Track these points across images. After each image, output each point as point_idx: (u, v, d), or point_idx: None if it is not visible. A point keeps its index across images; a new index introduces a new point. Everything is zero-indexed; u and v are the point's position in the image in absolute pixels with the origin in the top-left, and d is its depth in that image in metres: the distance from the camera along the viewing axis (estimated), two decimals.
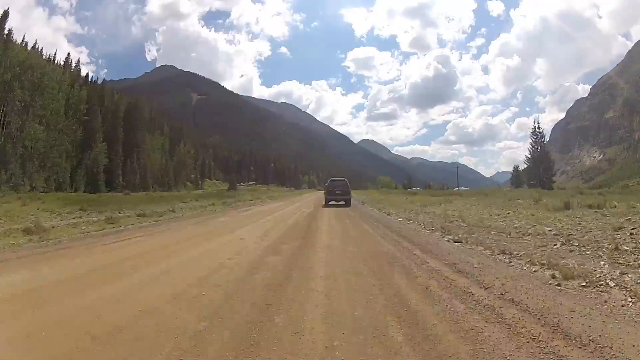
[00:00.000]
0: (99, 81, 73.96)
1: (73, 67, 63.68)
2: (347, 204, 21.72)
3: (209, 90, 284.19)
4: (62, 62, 62.30)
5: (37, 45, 57.41)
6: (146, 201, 25.14)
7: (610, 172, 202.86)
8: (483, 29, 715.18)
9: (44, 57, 57.71)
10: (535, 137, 47.69)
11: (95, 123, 54.71)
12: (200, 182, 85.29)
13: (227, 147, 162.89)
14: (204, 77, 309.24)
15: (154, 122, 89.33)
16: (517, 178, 60.11)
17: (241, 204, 24.44)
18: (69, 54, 64.48)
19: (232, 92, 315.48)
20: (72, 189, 47.79)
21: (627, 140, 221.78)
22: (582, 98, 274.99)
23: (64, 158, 50.26)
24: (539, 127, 49.15)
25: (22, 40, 55.00)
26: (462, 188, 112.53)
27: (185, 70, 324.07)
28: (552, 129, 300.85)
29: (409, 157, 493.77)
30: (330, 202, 21.85)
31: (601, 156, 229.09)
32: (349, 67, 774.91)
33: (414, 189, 73.14)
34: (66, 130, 50.52)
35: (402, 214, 13.79)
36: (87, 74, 69.03)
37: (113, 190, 52.09)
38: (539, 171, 44.58)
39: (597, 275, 4.23)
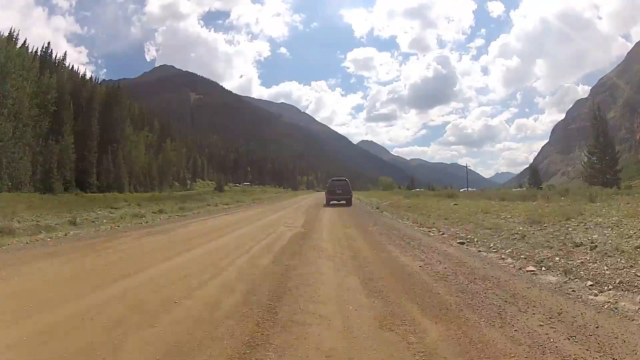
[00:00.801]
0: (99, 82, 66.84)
1: (58, 60, 56.49)
2: (348, 203, 21.81)
3: (208, 90, 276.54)
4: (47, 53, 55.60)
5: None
6: (83, 205, 18.10)
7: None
8: (483, 30, 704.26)
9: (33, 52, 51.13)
10: (596, 124, 40.70)
11: (65, 115, 47.37)
12: (190, 183, 77.69)
13: (223, 146, 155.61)
14: (202, 77, 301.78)
15: (144, 118, 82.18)
16: (535, 177, 53.13)
17: (205, 210, 17.13)
18: (49, 43, 56.75)
19: (230, 92, 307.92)
20: (32, 187, 40.71)
21: (629, 141, 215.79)
22: (582, 99, 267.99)
23: (27, 153, 43.06)
24: (598, 110, 42.20)
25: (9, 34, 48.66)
26: (471, 189, 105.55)
27: (184, 70, 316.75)
28: (552, 130, 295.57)
29: (408, 158, 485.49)
30: (332, 202, 21.54)
31: None
32: (348, 68, 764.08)
33: (418, 190, 65.97)
34: (28, 121, 43.27)
35: (527, 252, 5.57)
36: (73, 67, 61.09)
37: (84, 190, 44.91)
38: (602, 165, 37.63)
39: None
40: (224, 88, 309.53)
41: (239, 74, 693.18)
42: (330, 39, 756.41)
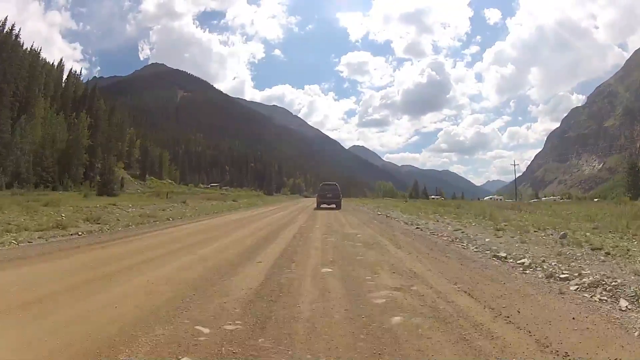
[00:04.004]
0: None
1: None
2: (338, 206, 21.64)
3: (197, 89, 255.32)
4: None
5: None
6: None
7: (612, 181, 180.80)
8: (478, 37, 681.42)
9: None
10: None
11: None
12: (121, 180, 55.32)
13: (203, 143, 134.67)
14: (192, 75, 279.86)
15: (86, 97, 61.58)
16: (634, 179, 34.18)
17: None
18: None
19: (220, 91, 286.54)
20: None
21: (629, 149, 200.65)
22: (578, 106, 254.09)
23: None
24: None
25: None
26: (496, 197, 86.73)
27: (174, 68, 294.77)
28: (547, 138, 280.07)
29: (399, 164, 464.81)
30: (322, 205, 21.67)
31: (601, 165, 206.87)
32: (342, 72, 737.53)
33: (434, 197, 46.77)
34: None
35: None
36: None
37: None
38: None
39: None
40: (213, 87, 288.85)
41: (232, 75, 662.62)
42: (325, 42, 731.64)
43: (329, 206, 21.44)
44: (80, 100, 63.46)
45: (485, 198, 69.91)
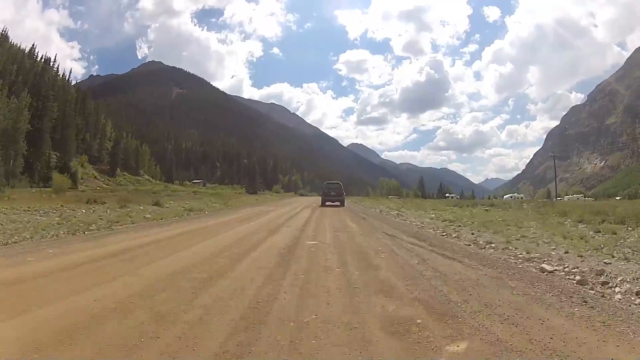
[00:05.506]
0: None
1: None
2: (342, 204, 22.50)
3: (193, 86, 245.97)
4: None
5: None
6: None
7: (614, 179, 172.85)
8: (477, 35, 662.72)
9: None
10: None
11: None
12: (76, 171, 45.67)
13: (194, 139, 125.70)
14: (189, 73, 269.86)
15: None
16: None
17: None
18: None
19: (217, 89, 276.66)
20: None
21: (630, 147, 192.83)
22: (579, 105, 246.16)
23: None
24: None
25: None
26: (518, 195, 78.84)
27: (171, 66, 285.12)
28: (547, 136, 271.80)
29: (397, 162, 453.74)
30: (327, 203, 22.62)
31: (602, 163, 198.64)
32: (340, 70, 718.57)
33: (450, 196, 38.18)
34: None
35: None
36: None
37: None
38: None
39: None
40: (210, 85, 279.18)
41: (231, 74, 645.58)
42: (323, 41, 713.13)
43: (333, 204, 22.39)
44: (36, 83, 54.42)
45: (504, 197, 61.25)
